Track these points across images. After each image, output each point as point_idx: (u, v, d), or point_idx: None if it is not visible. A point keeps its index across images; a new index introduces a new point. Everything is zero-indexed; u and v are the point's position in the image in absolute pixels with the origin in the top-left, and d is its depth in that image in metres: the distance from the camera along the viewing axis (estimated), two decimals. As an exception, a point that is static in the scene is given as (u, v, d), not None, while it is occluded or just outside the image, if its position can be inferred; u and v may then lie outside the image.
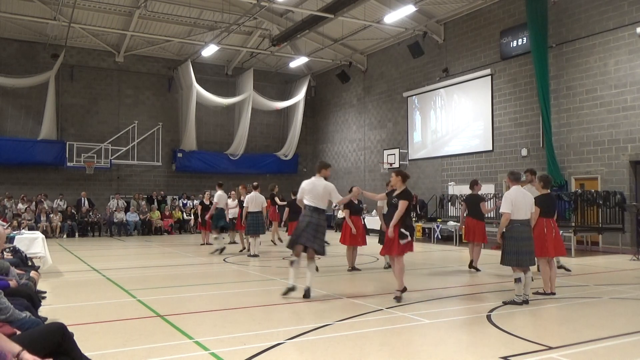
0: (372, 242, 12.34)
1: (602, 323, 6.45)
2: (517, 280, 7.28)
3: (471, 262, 10.92)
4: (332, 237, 15.93)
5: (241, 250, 14.91)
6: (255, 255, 13.46)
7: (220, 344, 5.31)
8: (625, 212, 14.58)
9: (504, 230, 7.46)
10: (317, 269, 8.87)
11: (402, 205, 7.62)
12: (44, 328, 3.45)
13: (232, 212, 15.69)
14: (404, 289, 7.77)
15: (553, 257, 8.20)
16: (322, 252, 7.98)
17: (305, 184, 8.28)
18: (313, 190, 8.06)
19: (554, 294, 7.99)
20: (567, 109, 16.65)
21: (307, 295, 7.74)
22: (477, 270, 10.79)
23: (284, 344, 5.35)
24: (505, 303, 7.34)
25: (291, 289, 7.84)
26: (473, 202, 11.15)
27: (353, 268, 10.99)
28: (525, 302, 7.29)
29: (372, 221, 19.34)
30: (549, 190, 8.37)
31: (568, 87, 16.62)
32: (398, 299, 7.61)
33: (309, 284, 7.84)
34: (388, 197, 8.10)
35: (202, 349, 5.15)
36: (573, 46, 16.48)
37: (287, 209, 15.77)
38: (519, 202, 7.42)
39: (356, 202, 10.95)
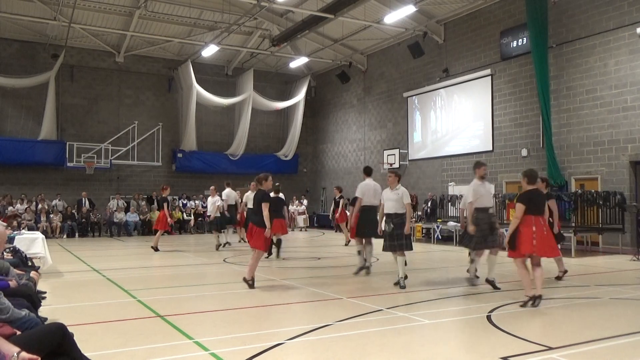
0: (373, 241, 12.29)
1: (602, 323, 6.44)
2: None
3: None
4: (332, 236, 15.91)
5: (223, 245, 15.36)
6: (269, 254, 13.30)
7: (220, 344, 5.31)
8: (626, 212, 14.57)
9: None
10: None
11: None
12: (44, 328, 3.45)
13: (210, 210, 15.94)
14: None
15: (541, 257, 7.46)
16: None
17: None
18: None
19: (538, 297, 7.20)
20: (567, 109, 16.65)
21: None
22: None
23: (284, 344, 5.34)
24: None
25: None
26: None
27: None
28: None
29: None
30: (535, 186, 7.69)
31: (568, 88, 16.62)
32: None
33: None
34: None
35: (202, 349, 5.15)
36: (573, 46, 16.49)
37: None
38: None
39: None
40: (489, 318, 6.55)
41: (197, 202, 24.91)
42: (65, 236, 21.17)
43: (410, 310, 7.07)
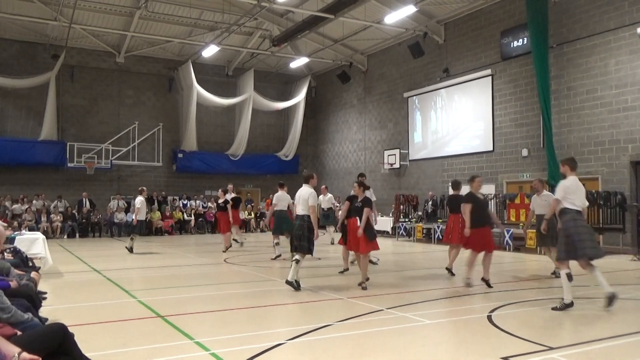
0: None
1: (602, 323, 6.44)
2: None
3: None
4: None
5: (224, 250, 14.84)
6: (278, 256, 13.19)
7: (220, 345, 5.31)
8: (626, 212, 14.57)
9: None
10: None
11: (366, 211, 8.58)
12: (44, 328, 3.45)
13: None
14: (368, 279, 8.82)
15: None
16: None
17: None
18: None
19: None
20: (567, 109, 16.64)
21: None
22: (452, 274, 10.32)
23: (285, 345, 5.34)
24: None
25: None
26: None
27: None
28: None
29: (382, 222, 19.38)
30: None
31: (569, 88, 16.62)
32: (364, 287, 8.62)
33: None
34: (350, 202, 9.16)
35: (202, 350, 5.15)
36: (574, 46, 16.48)
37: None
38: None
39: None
40: (489, 318, 6.55)
41: (197, 202, 24.92)
42: (65, 236, 21.18)
43: (411, 310, 7.07)
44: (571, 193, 7.21)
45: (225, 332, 5.90)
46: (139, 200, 15.16)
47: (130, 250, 14.88)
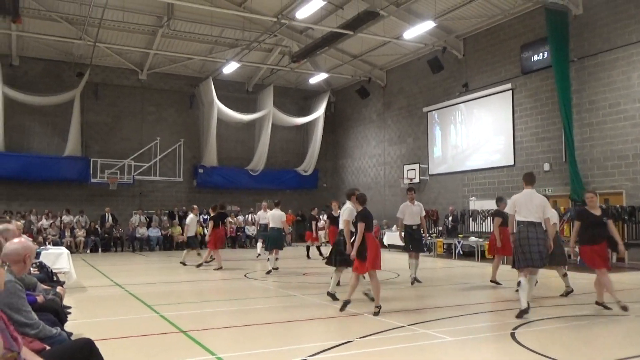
0: (392, 257, 12.25)
1: (628, 341, 6.31)
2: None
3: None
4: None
5: (198, 265, 15.01)
6: (274, 269, 13.58)
7: (242, 360, 5.33)
8: (652, 227, 14.29)
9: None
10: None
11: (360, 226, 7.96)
12: (72, 343, 3.52)
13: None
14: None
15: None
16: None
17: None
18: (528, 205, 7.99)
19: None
20: (589, 123, 16.46)
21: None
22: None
23: (306, 361, 5.34)
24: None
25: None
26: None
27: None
28: None
29: (392, 236, 19.29)
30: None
31: (591, 102, 16.45)
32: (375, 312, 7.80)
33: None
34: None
35: (224, 365, 5.17)
36: (595, 60, 16.34)
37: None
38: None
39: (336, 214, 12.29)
40: (512, 335, 6.46)
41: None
42: (88, 251, 21.46)
43: (433, 327, 7.01)
44: (519, 205, 7.93)
45: (247, 347, 5.91)
46: (190, 218, 16.10)
47: (184, 264, 15.46)
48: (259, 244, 17.50)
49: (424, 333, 6.64)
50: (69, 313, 7.05)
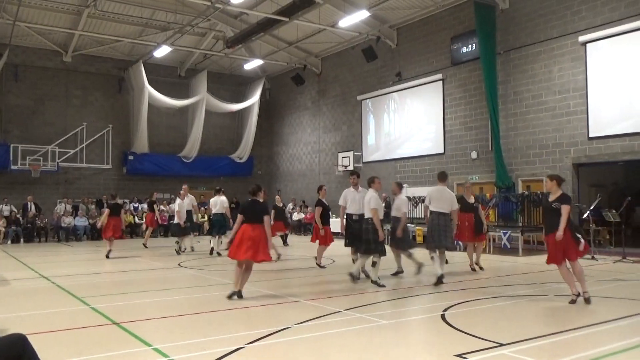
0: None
1: (548, 319, 6.77)
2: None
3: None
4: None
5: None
6: (218, 254, 13.95)
7: (179, 350, 5.27)
8: (569, 212, 15.24)
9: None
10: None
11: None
12: (4, 339, 3.35)
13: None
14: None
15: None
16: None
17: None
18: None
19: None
20: (514, 114, 17.27)
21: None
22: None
23: (244, 349, 5.36)
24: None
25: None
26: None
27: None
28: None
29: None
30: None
31: (515, 93, 17.26)
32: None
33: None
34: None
35: (161, 356, 5.10)
36: (520, 53, 17.13)
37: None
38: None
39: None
40: (443, 317, 6.76)
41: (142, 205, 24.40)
42: (9, 242, 20.35)
43: (368, 311, 7.21)
44: (433, 199, 9.72)
45: (184, 337, 5.85)
46: (178, 203, 15.66)
47: (178, 252, 15.34)
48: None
49: (360, 317, 6.82)
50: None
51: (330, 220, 12.39)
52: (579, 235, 7.57)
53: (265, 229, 8.02)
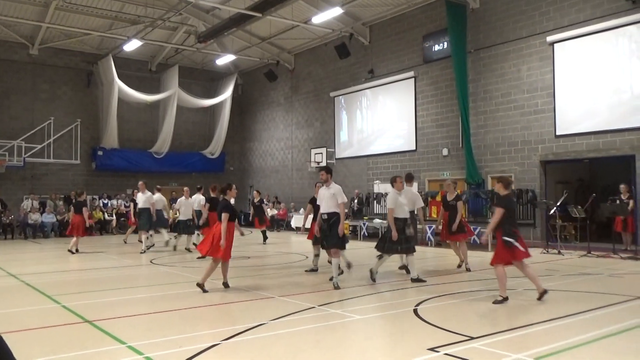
0: (300, 239, 12.48)
1: (516, 313, 6.96)
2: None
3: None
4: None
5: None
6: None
7: (155, 348, 5.26)
8: (537, 208, 15.65)
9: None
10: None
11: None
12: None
13: (185, 214, 15.09)
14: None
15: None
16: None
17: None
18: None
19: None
20: (484, 112, 17.59)
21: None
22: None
23: (220, 345, 5.38)
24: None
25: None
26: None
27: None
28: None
29: (299, 219, 19.55)
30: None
31: (485, 91, 17.56)
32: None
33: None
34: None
35: (136, 354, 5.09)
36: (489, 52, 17.44)
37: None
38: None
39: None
40: (415, 311, 6.89)
41: (118, 201, 24.09)
42: (-27, 239, 19.83)
43: (342, 306, 7.30)
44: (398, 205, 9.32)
45: (159, 334, 5.83)
46: (180, 202, 15.42)
47: (166, 243, 15.58)
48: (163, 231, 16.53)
49: (334, 313, 6.90)
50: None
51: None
52: (510, 240, 7.50)
53: (221, 226, 8.48)
